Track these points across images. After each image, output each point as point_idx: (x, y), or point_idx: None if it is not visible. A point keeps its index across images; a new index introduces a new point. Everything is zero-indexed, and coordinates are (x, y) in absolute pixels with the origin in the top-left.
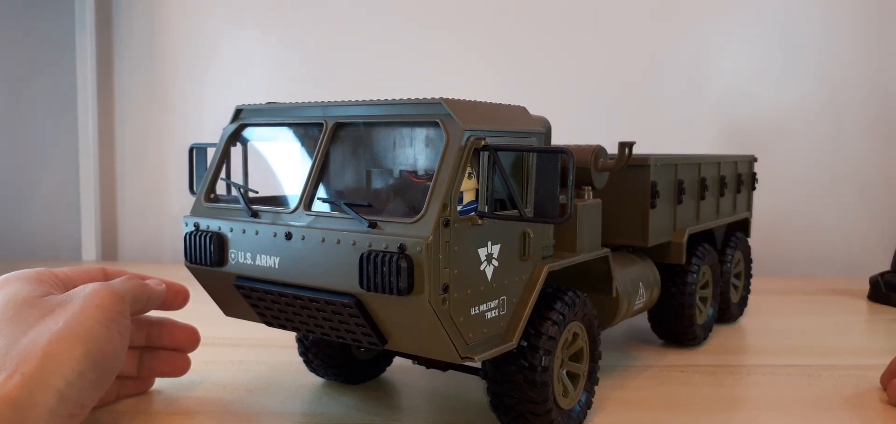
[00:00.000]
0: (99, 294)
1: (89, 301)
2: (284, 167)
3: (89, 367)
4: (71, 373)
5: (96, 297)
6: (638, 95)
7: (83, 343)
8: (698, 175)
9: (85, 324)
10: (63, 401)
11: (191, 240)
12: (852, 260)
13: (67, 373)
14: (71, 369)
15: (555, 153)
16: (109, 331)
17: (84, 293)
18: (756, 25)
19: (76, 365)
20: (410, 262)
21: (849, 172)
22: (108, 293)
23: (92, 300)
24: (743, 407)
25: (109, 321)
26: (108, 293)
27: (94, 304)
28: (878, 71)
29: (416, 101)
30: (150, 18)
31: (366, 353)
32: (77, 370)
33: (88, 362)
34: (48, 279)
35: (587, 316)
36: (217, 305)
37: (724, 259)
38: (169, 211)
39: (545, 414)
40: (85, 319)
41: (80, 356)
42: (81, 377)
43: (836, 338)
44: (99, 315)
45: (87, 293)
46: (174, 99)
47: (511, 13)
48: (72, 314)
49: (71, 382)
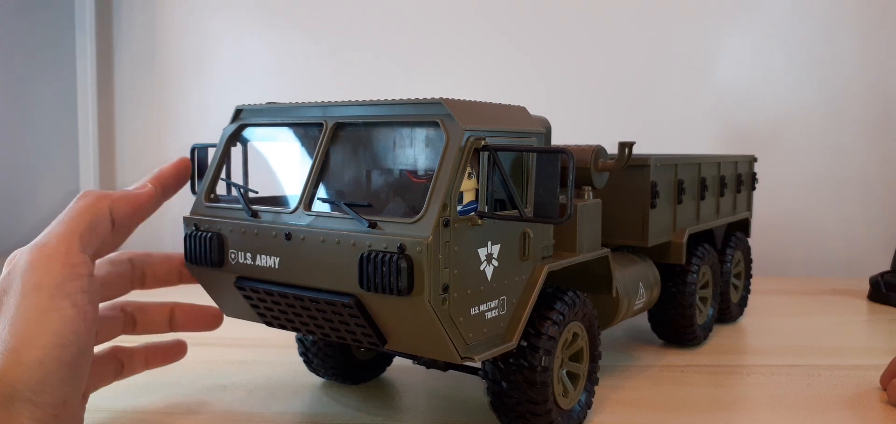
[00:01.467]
0: (32, 268)
1: (26, 284)
2: (284, 167)
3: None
4: (32, 382)
5: (32, 274)
6: (638, 95)
7: (35, 348)
8: (698, 175)
9: (30, 321)
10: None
11: (191, 240)
12: (852, 260)
13: (30, 384)
14: (30, 378)
15: (555, 153)
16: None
17: (19, 271)
18: (756, 25)
19: (35, 374)
20: (410, 262)
21: (849, 172)
22: (42, 256)
23: (29, 280)
24: (743, 407)
25: (53, 298)
26: (40, 261)
27: (32, 285)
28: (878, 71)
29: (416, 101)
30: (150, 18)
31: (366, 353)
32: (38, 377)
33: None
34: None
35: (587, 316)
36: (217, 305)
37: (724, 259)
38: (169, 211)
39: (545, 414)
40: (27, 313)
41: (36, 363)
42: (45, 382)
43: (836, 338)
44: (42, 301)
45: (20, 273)
46: (174, 99)
47: (511, 13)
48: (14, 309)
49: (36, 390)
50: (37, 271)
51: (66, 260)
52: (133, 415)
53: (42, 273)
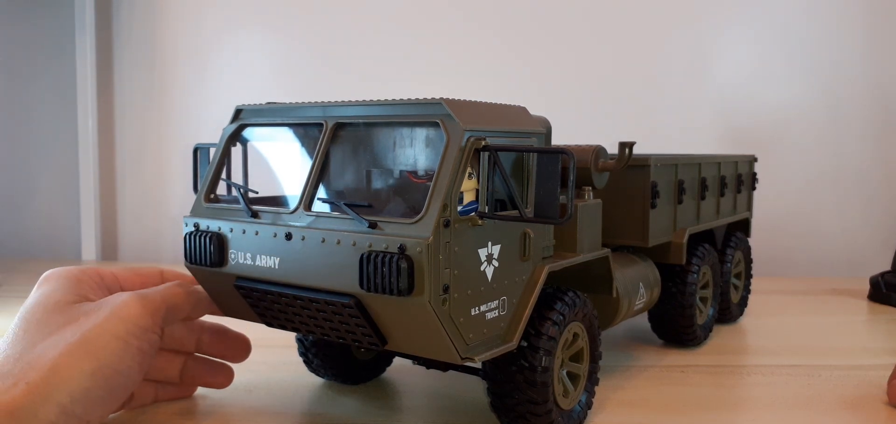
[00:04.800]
0: (127, 307)
1: (115, 314)
2: (284, 168)
3: (97, 385)
4: (77, 389)
5: (123, 309)
6: (638, 95)
7: (93, 359)
8: (698, 175)
9: (101, 339)
10: (65, 416)
11: (191, 240)
12: (852, 260)
13: (73, 389)
14: (77, 384)
15: (555, 154)
16: (127, 348)
17: (113, 303)
18: (756, 25)
19: (83, 382)
20: (410, 262)
21: (849, 172)
22: (138, 305)
23: (117, 313)
24: (743, 407)
25: (130, 334)
26: (138, 306)
27: (118, 316)
28: (878, 71)
29: (416, 101)
30: (150, 18)
31: (366, 353)
32: (84, 386)
33: (96, 379)
34: (90, 280)
35: (587, 317)
36: (217, 305)
37: (724, 259)
38: (169, 211)
39: (545, 415)
40: (103, 333)
41: (89, 373)
42: (87, 394)
43: (836, 338)
44: (120, 330)
45: (115, 305)
46: (174, 99)
47: (511, 13)
48: (91, 326)
49: (76, 398)
50: (127, 309)
51: (153, 317)
52: (133, 415)
53: (130, 314)
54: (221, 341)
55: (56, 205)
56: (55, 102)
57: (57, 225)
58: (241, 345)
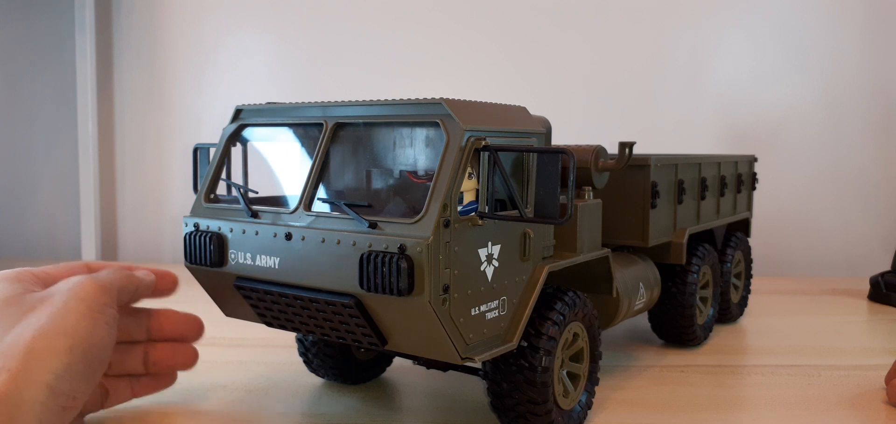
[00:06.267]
0: (82, 286)
1: (72, 294)
2: (284, 168)
3: (76, 359)
4: (58, 366)
5: (79, 289)
6: (638, 95)
7: (67, 336)
8: (698, 175)
9: (68, 318)
10: (53, 395)
11: (191, 240)
12: (852, 260)
13: (54, 366)
14: (58, 362)
15: (555, 154)
16: (95, 323)
17: (67, 286)
18: (756, 25)
19: (62, 358)
20: (411, 262)
21: (849, 172)
22: (92, 284)
23: (75, 293)
24: (743, 407)
25: (93, 311)
26: (92, 285)
27: (77, 296)
28: (878, 71)
29: (416, 101)
30: (150, 18)
31: (366, 353)
32: (64, 362)
33: (75, 354)
34: (26, 277)
35: (587, 316)
36: (217, 305)
37: (724, 259)
38: (169, 211)
39: (545, 415)
40: (68, 312)
41: (65, 349)
42: (69, 369)
43: (836, 338)
44: (82, 307)
45: (70, 286)
46: (174, 99)
47: (511, 13)
48: (55, 308)
49: (59, 375)
50: (84, 289)
51: (108, 294)
52: (133, 415)
53: (87, 292)
54: (171, 322)
55: (56, 205)
56: (55, 102)
57: (57, 225)
58: (191, 323)
